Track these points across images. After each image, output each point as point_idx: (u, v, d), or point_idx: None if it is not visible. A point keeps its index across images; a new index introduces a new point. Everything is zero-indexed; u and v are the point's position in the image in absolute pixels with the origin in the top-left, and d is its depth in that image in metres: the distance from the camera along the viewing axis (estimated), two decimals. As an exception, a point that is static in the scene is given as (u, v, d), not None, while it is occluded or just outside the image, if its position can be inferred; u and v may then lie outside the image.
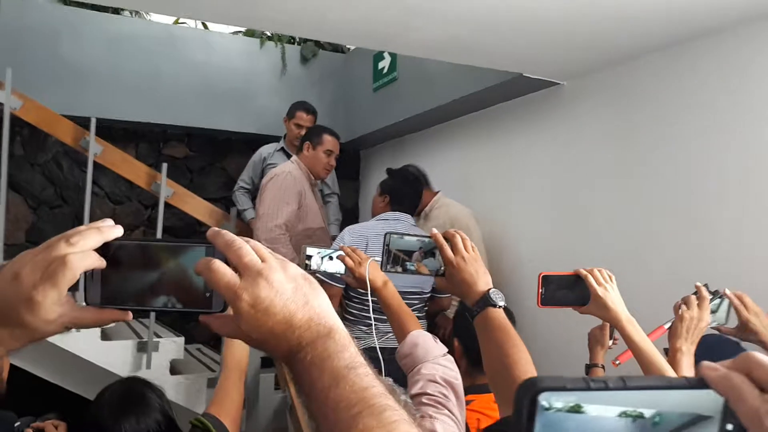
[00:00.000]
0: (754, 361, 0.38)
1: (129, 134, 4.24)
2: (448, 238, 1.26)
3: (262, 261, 0.56)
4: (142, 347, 3.05)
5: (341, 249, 1.63)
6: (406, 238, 1.29)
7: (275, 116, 4.25)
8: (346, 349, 0.54)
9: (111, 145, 3.11)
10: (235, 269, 0.56)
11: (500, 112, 3.38)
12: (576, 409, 0.38)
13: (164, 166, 3.12)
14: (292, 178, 3.08)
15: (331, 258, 1.75)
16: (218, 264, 0.55)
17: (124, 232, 0.61)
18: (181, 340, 3.19)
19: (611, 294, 1.30)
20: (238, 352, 1.62)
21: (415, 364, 1.29)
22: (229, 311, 0.57)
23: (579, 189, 2.81)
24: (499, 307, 1.18)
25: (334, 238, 3.91)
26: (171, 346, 3.14)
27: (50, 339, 3.02)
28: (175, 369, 3.20)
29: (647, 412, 0.39)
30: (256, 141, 4.45)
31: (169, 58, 4.12)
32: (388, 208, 2.73)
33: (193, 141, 4.45)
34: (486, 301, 1.18)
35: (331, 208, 3.97)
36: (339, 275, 1.75)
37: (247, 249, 0.57)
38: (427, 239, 1.29)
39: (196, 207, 3.25)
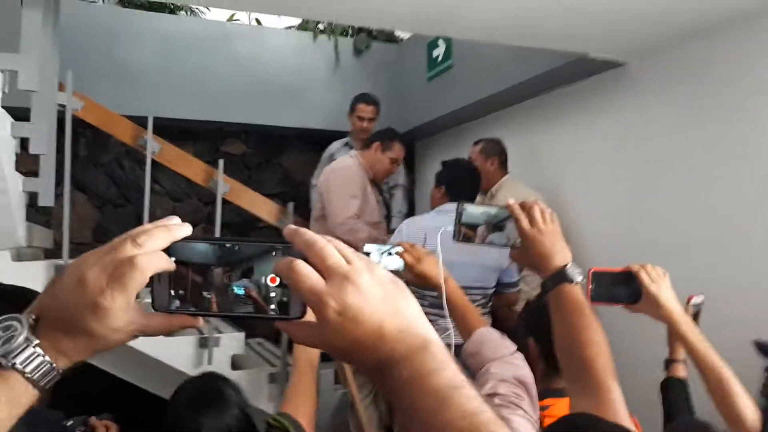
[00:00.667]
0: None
1: (186, 133, 4.29)
2: (525, 209, 1.17)
3: (348, 263, 0.51)
4: (204, 343, 3.07)
5: (399, 244, 1.56)
6: (478, 208, 1.19)
7: (330, 110, 4.22)
8: (447, 366, 0.50)
9: (169, 143, 3.15)
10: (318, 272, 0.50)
11: (561, 97, 3.23)
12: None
13: (221, 162, 3.13)
14: (353, 172, 3.05)
15: (390, 254, 1.68)
16: (302, 266, 0.50)
17: None
18: (242, 335, 3.19)
19: (664, 291, 1.25)
20: (311, 350, 1.52)
21: (482, 363, 1.20)
22: (308, 317, 0.52)
23: (648, 175, 2.64)
24: (576, 283, 1.10)
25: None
26: (232, 341, 3.15)
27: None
28: (235, 364, 3.21)
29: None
30: (311, 136, 4.45)
31: (224, 55, 4.15)
32: (446, 200, 2.69)
33: (250, 138, 4.48)
34: (562, 275, 1.10)
35: (397, 200, 3.91)
36: (397, 272, 1.68)
37: (332, 249, 0.51)
38: (498, 210, 1.19)
39: (253, 202, 3.25)
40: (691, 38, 2.39)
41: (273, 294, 0.56)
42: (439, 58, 3.95)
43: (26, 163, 2.56)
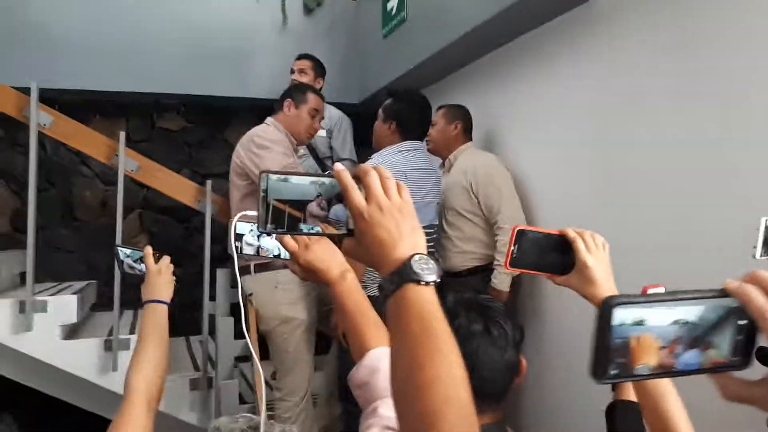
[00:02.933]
0: (761, 275, 0.50)
1: (118, 107, 3.83)
2: (358, 175, 0.76)
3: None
4: (109, 346, 2.63)
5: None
6: (294, 179, 0.80)
7: (279, 77, 3.72)
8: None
9: (62, 116, 2.68)
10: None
11: (523, 46, 2.72)
12: (639, 323, 0.50)
13: (122, 135, 2.65)
14: (277, 136, 2.57)
15: (267, 234, 1.22)
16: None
17: None
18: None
19: (600, 265, 1.02)
20: (159, 311, 1.34)
21: (372, 399, 0.91)
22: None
23: (626, 127, 2.12)
24: (426, 283, 0.67)
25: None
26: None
27: (4, 341, 2.67)
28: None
29: (326, 180, 0.76)
30: (259, 107, 3.95)
31: (157, 17, 3.65)
32: (396, 138, 2.39)
33: (190, 111, 4.00)
34: (405, 272, 0.68)
35: None
36: (276, 258, 1.25)
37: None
38: (326, 180, 0.80)
39: (167, 182, 2.79)
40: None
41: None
42: (393, 11, 3.44)
43: None
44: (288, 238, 1.06)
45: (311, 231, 0.82)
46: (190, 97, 3.84)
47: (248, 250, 1.24)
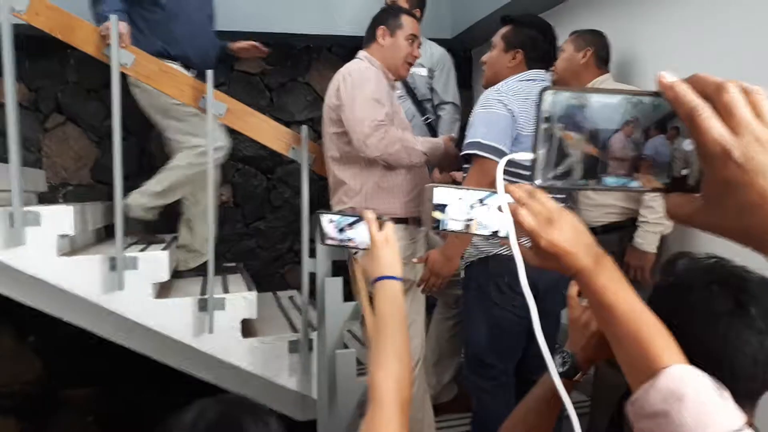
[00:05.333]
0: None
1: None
2: (710, 94, 0.44)
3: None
4: (203, 305, 2.44)
5: (504, 188, 0.78)
6: (596, 98, 0.49)
7: (366, 11, 3.37)
8: None
9: (145, 54, 2.42)
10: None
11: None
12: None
13: (209, 73, 2.38)
14: (371, 73, 2.26)
15: (482, 203, 0.96)
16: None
17: None
18: (253, 295, 2.54)
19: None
20: (398, 298, 1.09)
21: None
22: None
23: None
24: None
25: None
26: (240, 302, 2.50)
27: (95, 299, 2.51)
28: (247, 331, 2.58)
29: (646, 99, 0.47)
30: (344, 45, 3.64)
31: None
32: (522, 69, 2.06)
33: (270, 52, 3.69)
34: None
35: (444, 123, 3.10)
36: (494, 237, 0.99)
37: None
38: (645, 98, 0.49)
39: (258, 126, 2.51)
40: None
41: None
42: (502, -72, 3.00)
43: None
44: (524, 211, 0.76)
45: (621, 184, 0.51)
46: (269, 36, 3.53)
47: (453, 226, 0.95)
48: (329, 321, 2.20)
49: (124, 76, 2.40)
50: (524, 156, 0.56)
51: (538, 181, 0.51)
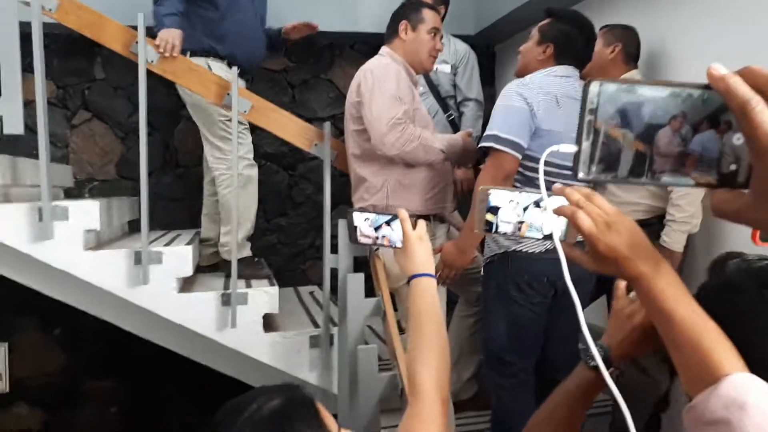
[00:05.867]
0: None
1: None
2: (762, 88, 0.42)
3: None
4: (227, 300, 2.46)
5: (560, 192, 0.82)
6: (645, 91, 0.48)
7: (388, 9, 3.37)
8: None
9: (171, 50, 2.45)
10: None
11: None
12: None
13: (234, 69, 2.40)
14: (392, 69, 2.26)
15: (537, 205, 0.97)
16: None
17: None
18: (275, 290, 2.55)
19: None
20: (432, 293, 1.11)
21: None
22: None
23: None
24: None
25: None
26: (263, 297, 2.52)
27: (122, 294, 2.55)
28: (269, 325, 2.60)
29: (695, 92, 0.46)
30: (368, 43, 3.64)
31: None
32: (551, 64, 2.04)
33: (293, 49, 3.71)
34: None
35: (467, 120, 3.09)
36: (547, 240, 1.01)
37: None
38: (694, 91, 0.47)
39: (281, 123, 2.52)
40: None
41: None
42: None
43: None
44: (582, 214, 0.75)
45: (667, 180, 0.50)
46: (292, 33, 3.55)
47: (504, 228, 0.96)
48: (351, 316, 2.20)
49: (151, 74, 2.42)
50: (567, 148, 0.56)
51: (581, 174, 0.50)
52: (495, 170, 1.95)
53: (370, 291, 2.29)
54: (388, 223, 1.24)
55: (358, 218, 1.26)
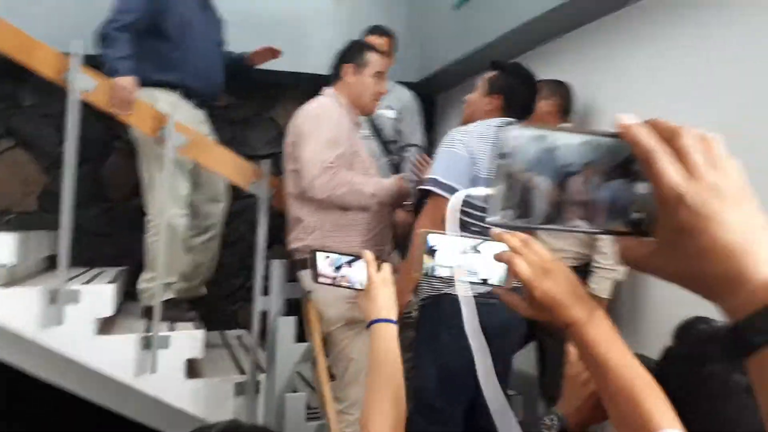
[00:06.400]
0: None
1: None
2: (667, 139, 0.44)
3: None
4: (147, 343, 2.32)
5: (499, 237, 0.82)
6: (557, 138, 0.48)
7: (333, 51, 3.40)
8: None
9: (108, 79, 2.35)
10: None
11: (632, 16, 2.35)
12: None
13: (178, 99, 2.34)
14: (331, 112, 2.25)
15: (477, 251, 0.96)
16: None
17: None
18: (200, 333, 2.43)
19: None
20: (390, 334, 1.09)
21: None
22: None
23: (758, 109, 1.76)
24: None
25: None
26: (186, 341, 2.39)
27: (32, 336, 2.36)
28: (193, 370, 2.46)
29: (607, 141, 0.46)
30: (311, 83, 3.63)
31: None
32: (496, 115, 2.07)
33: (236, 86, 3.66)
34: None
35: (409, 165, 3.09)
36: (484, 285, 0.98)
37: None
38: (606, 140, 0.47)
39: (219, 159, 2.45)
40: None
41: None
42: (469, -23, 3.08)
43: None
44: (520, 260, 0.75)
45: (576, 226, 0.49)
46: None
47: (441, 272, 0.97)
48: (279, 362, 2.12)
49: (83, 102, 2.32)
50: (480, 192, 0.53)
51: (492, 219, 0.49)
52: (434, 213, 1.95)
53: (301, 336, 2.20)
54: (349, 263, 1.20)
55: (319, 257, 1.22)
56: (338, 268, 1.21)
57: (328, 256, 1.22)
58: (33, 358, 2.28)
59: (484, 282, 0.96)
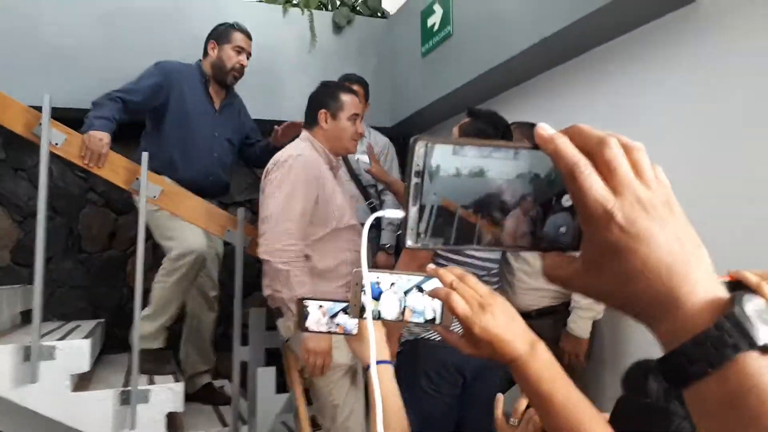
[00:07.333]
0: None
1: (134, 129, 3.52)
2: (591, 150, 0.40)
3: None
4: (126, 398, 2.28)
5: (434, 272, 0.82)
6: (466, 150, 0.43)
7: (306, 99, 3.47)
8: None
9: (78, 134, 2.36)
10: None
11: (605, 55, 2.44)
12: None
13: (144, 155, 2.34)
14: (303, 160, 2.23)
15: (420, 290, 0.95)
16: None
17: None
18: (180, 386, 2.39)
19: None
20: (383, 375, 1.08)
21: None
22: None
23: (730, 146, 1.84)
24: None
25: (384, 246, 3.08)
26: (166, 394, 2.35)
27: (4, 394, 2.30)
28: (176, 424, 2.41)
29: (524, 153, 0.43)
30: (289, 131, 3.68)
31: (176, 33, 3.39)
32: None
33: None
34: (737, 327, 0.36)
35: (387, 206, 3.12)
36: (429, 325, 0.98)
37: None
38: (524, 151, 0.44)
39: (192, 208, 2.46)
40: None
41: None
42: (435, 27, 3.18)
43: None
44: (456, 296, 0.74)
45: (495, 243, 0.45)
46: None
47: (388, 314, 0.93)
48: (261, 413, 2.09)
49: (59, 156, 2.32)
50: (395, 214, 0.53)
51: (409, 242, 0.44)
52: (409, 259, 1.97)
53: (282, 386, 2.19)
54: (344, 310, 1.21)
55: (311, 306, 1.22)
56: (333, 316, 1.22)
57: (321, 305, 1.22)
58: (7, 416, 2.23)
59: (430, 321, 0.93)
